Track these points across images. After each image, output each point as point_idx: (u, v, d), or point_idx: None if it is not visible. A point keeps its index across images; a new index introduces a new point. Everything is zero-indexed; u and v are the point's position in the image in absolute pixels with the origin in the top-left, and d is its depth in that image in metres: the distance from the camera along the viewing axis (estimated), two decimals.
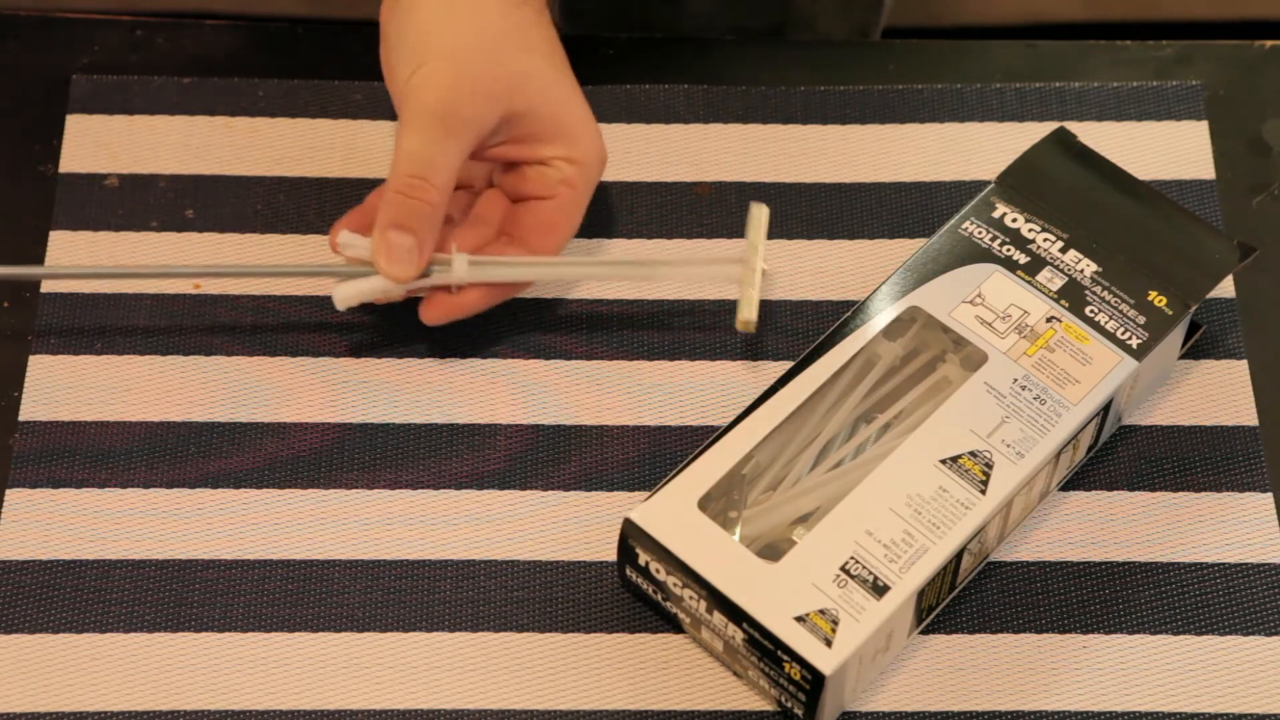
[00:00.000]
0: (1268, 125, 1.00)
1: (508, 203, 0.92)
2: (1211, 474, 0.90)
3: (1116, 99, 1.01)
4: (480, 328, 0.93)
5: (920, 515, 0.83)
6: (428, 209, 0.86)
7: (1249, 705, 0.84)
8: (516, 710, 0.84)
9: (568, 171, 0.89)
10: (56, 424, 0.90)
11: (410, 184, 0.86)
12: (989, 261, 0.89)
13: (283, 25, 1.03)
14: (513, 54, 0.88)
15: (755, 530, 0.85)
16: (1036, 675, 0.85)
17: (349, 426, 0.91)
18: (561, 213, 0.90)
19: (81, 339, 0.93)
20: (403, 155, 0.86)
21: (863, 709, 0.84)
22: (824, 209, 0.97)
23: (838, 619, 0.80)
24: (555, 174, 0.90)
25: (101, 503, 0.89)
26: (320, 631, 0.86)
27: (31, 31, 1.02)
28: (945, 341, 0.89)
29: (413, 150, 0.86)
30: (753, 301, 0.89)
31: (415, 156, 0.86)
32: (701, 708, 0.84)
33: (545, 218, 0.90)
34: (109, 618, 0.86)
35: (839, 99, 1.00)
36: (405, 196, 0.86)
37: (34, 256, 0.95)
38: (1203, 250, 0.90)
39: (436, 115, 0.86)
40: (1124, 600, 0.87)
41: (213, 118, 0.99)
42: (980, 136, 1.00)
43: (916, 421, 0.86)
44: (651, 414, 0.91)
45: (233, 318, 0.93)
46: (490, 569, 0.87)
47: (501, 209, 0.91)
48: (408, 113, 0.86)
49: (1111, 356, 0.87)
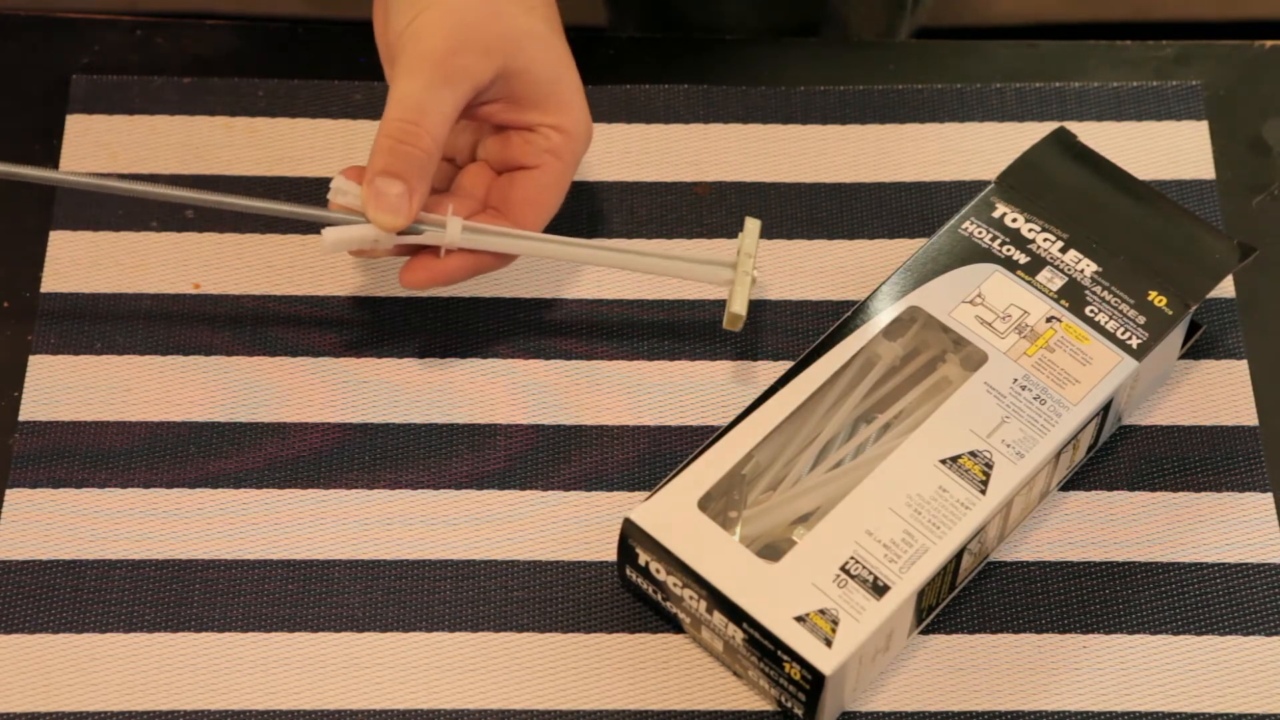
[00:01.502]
0: (1268, 125, 1.00)
1: (493, 175, 0.91)
2: (1211, 474, 0.90)
3: (1116, 99, 1.01)
4: (480, 327, 0.93)
5: (920, 515, 0.83)
6: (419, 154, 0.84)
7: (1249, 705, 0.84)
8: (516, 710, 0.84)
9: (555, 140, 0.89)
10: (56, 424, 0.90)
11: (402, 129, 0.84)
12: (989, 261, 0.89)
13: (283, 25, 1.03)
14: (514, 11, 0.87)
15: (755, 530, 0.85)
16: (1036, 675, 0.85)
17: (349, 426, 0.91)
18: (546, 185, 0.89)
19: (81, 339, 0.93)
20: (395, 100, 0.84)
21: (863, 709, 0.84)
22: (824, 209, 0.97)
23: (838, 619, 0.80)
24: (543, 142, 0.89)
25: (101, 503, 0.89)
26: (320, 631, 0.86)
27: (31, 31, 1.02)
28: (945, 341, 0.89)
29: (407, 95, 0.84)
30: (742, 298, 0.89)
31: (409, 102, 0.84)
32: (701, 708, 0.84)
33: (530, 191, 0.89)
34: (109, 618, 0.86)
35: (839, 99, 1.01)
36: (396, 141, 0.84)
37: (34, 256, 0.95)
38: (1203, 250, 0.90)
39: (432, 61, 0.85)
40: (1124, 600, 0.87)
41: (213, 118, 0.99)
42: (980, 136, 1.00)
43: (916, 421, 0.86)
44: (651, 414, 0.91)
45: (233, 318, 0.93)
46: (490, 569, 0.87)
47: (486, 182, 0.91)
48: (404, 59, 0.85)
49: (1111, 356, 0.87)
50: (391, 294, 0.94)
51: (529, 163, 0.89)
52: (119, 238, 0.96)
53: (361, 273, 0.95)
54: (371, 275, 0.95)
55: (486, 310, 0.94)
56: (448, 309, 0.94)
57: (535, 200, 0.89)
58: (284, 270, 0.95)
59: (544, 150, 0.89)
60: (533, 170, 0.89)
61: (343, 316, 0.94)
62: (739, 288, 0.89)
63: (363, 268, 0.95)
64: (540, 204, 0.89)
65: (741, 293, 0.89)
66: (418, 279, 0.88)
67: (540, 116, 0.88)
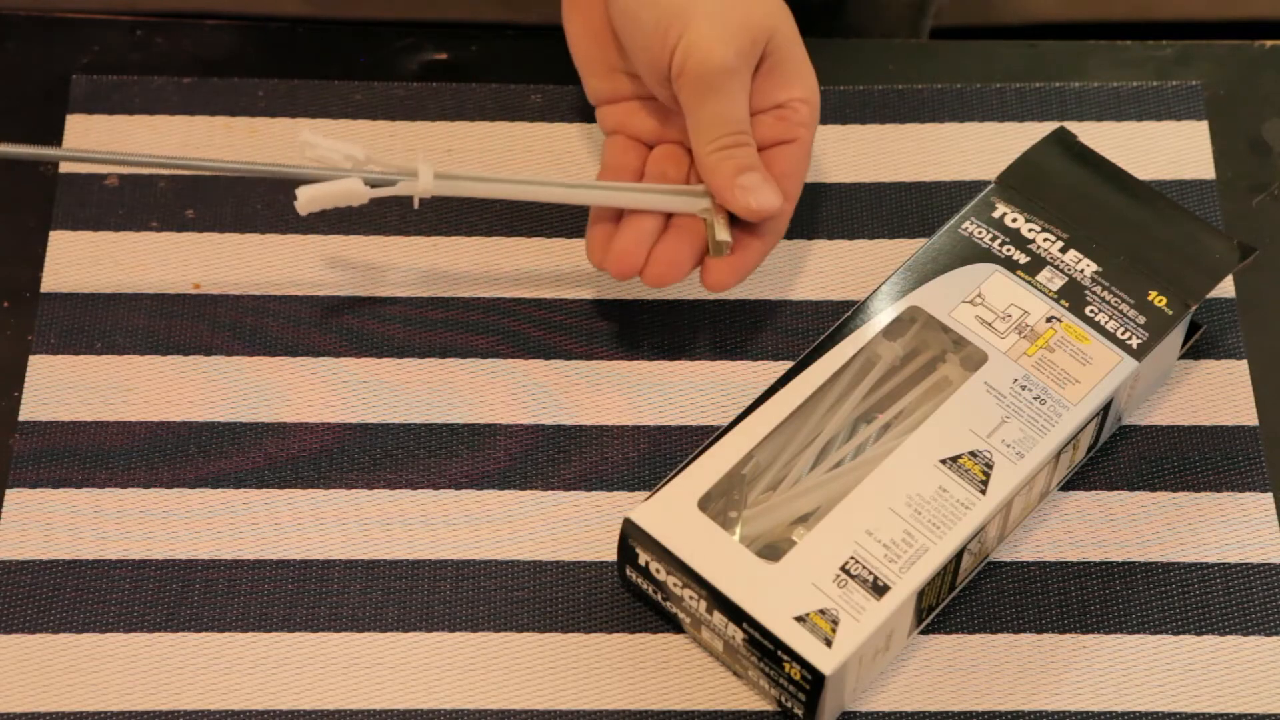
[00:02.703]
0: (1268, 125, 1.00)
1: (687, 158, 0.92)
2: (1211, 474, 0.90)
3: (1116, 99, 1.01)
4: (480, 327, 0.93)
5: (920, 515, 0.83)
6: (752, 150, 0.89)
7: (1249, 705, 0.84)
8: (516, 710, 0.84)
9: (804, 113, 0.90)
10: (56, 424, 0.90)
11: (735, 139, 0.88)
12: (989, 261, 0.89)
13: (283, 25, 1.03)
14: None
15: (755, 530, 0.85)
16: (1036, 675, 0.85)
17: (349, 426, 0.91)
18: (801, 158, 0.91)
19: (81, 339, 0.93)
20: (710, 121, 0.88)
21: (863, 709, 0.84)
22: (824, 209, 0.97)
23: (838, 619, 0.80)
24: (794, 116, 0.90)
25: (101, 503, 0.89)
26: (320, 631, 0.86)
27: (31, 31, 1.02)
28: (945, 341, 0.89)
29: (721, 114, 0.88)
30: (724, 223, 0.89)
31: (726, 118, 0.88)
32: (701, 708, 0.84)
33: (788, 166, 0.90)
34: (109, 618, 0.86)
35: (838, 99, 1.01)
36: (734, 148, 0.88)
37: (34, 256, 0.95)
38: (1203, 250, 0.90)
39: (729, 73, 0.87)
40: (1124, 600, 0.87)
41: (213, 118, 0.99)
42: (980, 136, 1.00)
43: (916, 421, 0.86)
44: (651, 414, 0.91)
45: (233, 318, 0.93)
46: (490, 569, 0.87)
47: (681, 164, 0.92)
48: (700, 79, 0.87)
49: (1111, 356, 0.87)
50: (392, 294, 0.94)
51: (786, 138, 0.90)
52: (119, 238, 0.96)
53: (361, 272, 0.95)
54: (371, 275, 0.95)
55: (486, 310, 0.94)
56: (447, 308, 0.94)
57: (793, 173, 0.90)
58: (284, 270, 0.95)
59: (798, 124, 0.90)
60: (790, 144, 0.90)
61: (343, 317, 0.94)
62: (720, 215, 0.89)
63: (363, 267, 0.95)
64: (798, 176, 0.91)
65: (722, 218, 0.89)
66: (723, 280, 0.90)
67: (788, 92, 0.90)
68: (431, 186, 0.87)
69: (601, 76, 0.93)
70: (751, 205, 0.88)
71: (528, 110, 1.00)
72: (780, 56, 0.89)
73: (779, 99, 0.90)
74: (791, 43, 0.90)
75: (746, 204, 0.88)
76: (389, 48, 1.02)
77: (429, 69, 1.01)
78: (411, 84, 1.00)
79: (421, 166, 0.87)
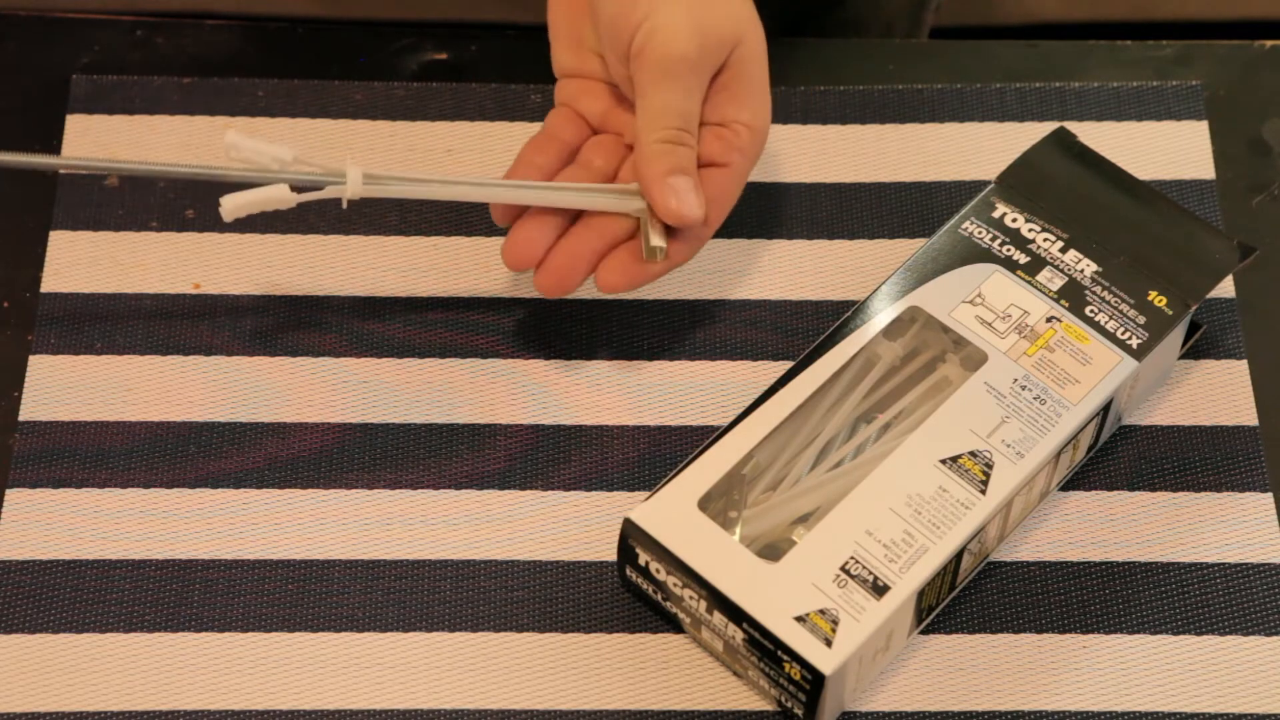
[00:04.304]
0: (1268, 125, 1.00)
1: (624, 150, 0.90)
2: (1211, 474, 0.90)
3: (1116, 99, 1.01)
4: (480, 327, 0.93)
5: (920, 515, 0.83)
6: (692, 154, 0.87)
7: (1249, 705, 0.84)
8: (516, 710, 0.84)
9: (744, 139, 0.88)
10: (56, 424, 0.90)
11: (677, 135, 0.86)
12: (989, 261, 0.89)
13: (283, 25, 1.03)
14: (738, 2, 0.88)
15: (755, 530, 0.85)
16: (1036, 675, 0.85)
17: (349, 426, 0.91)
18: (731, 185, 0.88)
19: (81, 339, 0.93)
20: (660, 109, 0.86)
21: (863, 709, 0.84)
22: (824, 209, 0.97)
23: (838, 619, 0.80)
24: (734, 140, 0.88)
25: (101, 503, 0.89)
26: (320, 631, 0.86)
27: (31, 31, 1.02)
28: (945, 341, 0.89)
29: (671, 105, 0.86)
30: (658, 228, 0.87)
31: (673, 111, 0.86)
32: (701, 708, 0.84)
33: (715, 190, 0.88)
34: (109, 618, 0.86)
35: (839, 99, 1.01)
36: (674, 145, 0.86)
37: (34, 256, 0.95)
38: (1203, 250, 0.90)
39: (688, 66, 0.86)
40: (1124, 600, 0.87)
41: (213, 118, 0.99)
42: (980, 136, 1.00)
43: (916, 421, 0.86)
44: (651, 414, 0.91)
45: (233, 318, 0.93)
46: (490, 569, 0.87)
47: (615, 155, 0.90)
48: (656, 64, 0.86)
49: (1111, 356, 0.87)
50: (391, 294, 0.94)
51: (720, 160, 0.88)
52: (119, 238, 0.96)
53: (361, 272, 0.95)
54: (371, 274, 0.95)
55: (486, 310, 0.94)
56: (447, 308, 0.94)
57: (718, 199, 0.88)
58: (284, 270, 0.95)
59: (734, 148, 0.88)
60: (722, 169, 0.88)
61: (343, 317, 0.94)
62: (655, 220, 0.88)
63: (362, 267, 0.95)
64: (724, 203, 0.89)
65: (658, 223, 0.88)
66: (614, 283, 0.88)
67: (736, 112, 0.88)
68: (360, 190, 0.86)
69: (571, 50, 0.92)
70: (672, 206, 0.86)
71: (528, 110, 1.00)
72: (739, 71, 0.88)
73: (725, 116, 0.88)
74: (754, 61, 0.88)
75: (668, 204, 0.86)
76: (389, 48, 1.02)
77: (429, 69, 1.01)
78: (411, 84, 1.00)
79: (350, 169, 0.86)
